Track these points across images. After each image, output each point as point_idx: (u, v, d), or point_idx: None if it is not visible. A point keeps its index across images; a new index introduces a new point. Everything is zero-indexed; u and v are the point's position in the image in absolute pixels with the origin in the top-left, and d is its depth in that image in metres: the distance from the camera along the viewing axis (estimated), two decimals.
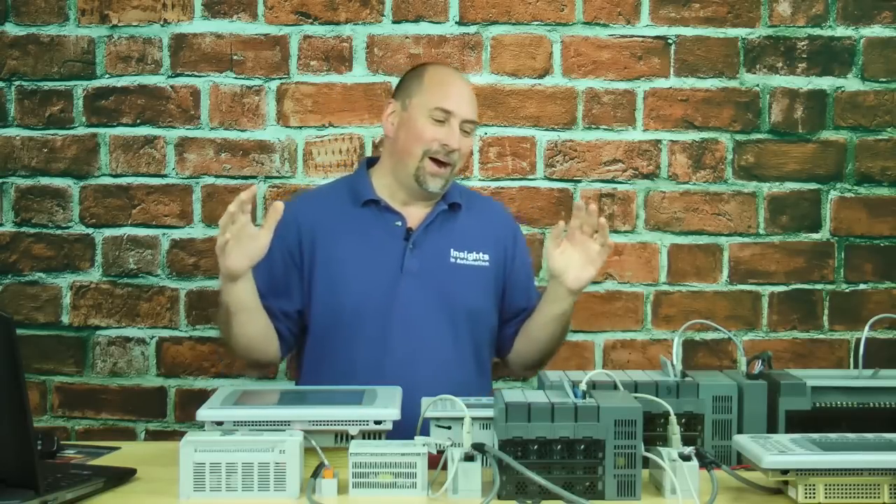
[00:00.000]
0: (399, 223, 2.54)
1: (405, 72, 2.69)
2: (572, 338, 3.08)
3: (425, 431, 2.05)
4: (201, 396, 2.98)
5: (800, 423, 2.09)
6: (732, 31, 3.11)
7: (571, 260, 2.42)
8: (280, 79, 3.11)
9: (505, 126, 3.11)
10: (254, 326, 2.44)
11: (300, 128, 3.11)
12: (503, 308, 2.63)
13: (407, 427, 2.05)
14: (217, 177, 3.12)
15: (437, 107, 2.49)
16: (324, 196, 2.66)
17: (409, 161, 2.51)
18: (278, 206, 2.26)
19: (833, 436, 1.95)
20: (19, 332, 2.29)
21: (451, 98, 2.51)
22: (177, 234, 3.12)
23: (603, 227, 2.37)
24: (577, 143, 3.12)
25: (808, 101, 3.12)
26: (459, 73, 2.69)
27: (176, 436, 3.03)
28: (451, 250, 2.55)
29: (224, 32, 3.10)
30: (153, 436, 3.13)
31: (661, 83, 3.11)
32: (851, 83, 3.12)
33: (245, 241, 2.24)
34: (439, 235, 2.55)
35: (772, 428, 2.11)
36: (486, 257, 2.58)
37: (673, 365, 2.16)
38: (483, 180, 3.08)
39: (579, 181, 3.12)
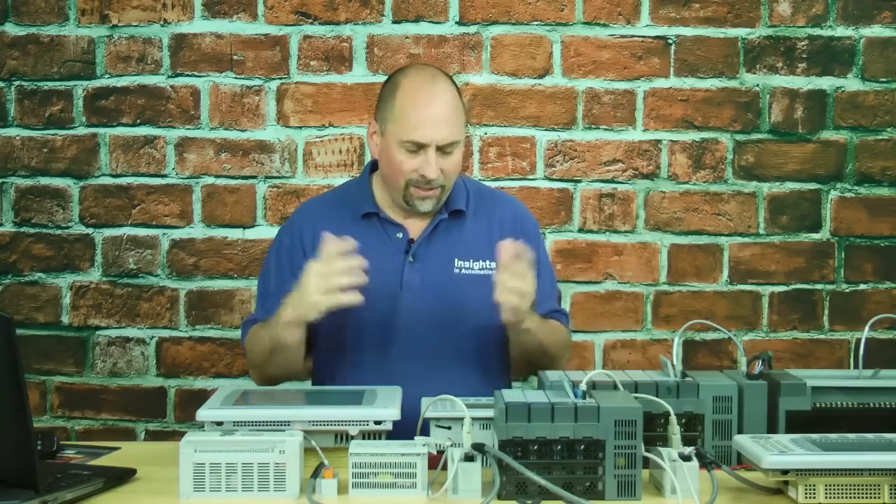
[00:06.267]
0: (400, 235, 2.47)
1: (384, 82, 2.54)
2: (572, 338, 3.07)
3: (425, 431, 2.05)
4: (201, 396, 2.98)
5: (800, 423, 2.09)
6: (732, 32, 3.11)
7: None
8: (280, 79, 3.11)
9: (505, 126, 3.11)
10: (296, 359, 2.42)
11: (300, 128, 3.11)
12: None
13: (407, 430, 2.04)
14: (217, 177, 3.12)
15: (408, 139, 2.37)
16: (325, 208, 2.57)
17: (395, 189, 2.43)
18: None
19: (833, 436, 1.95)
20: (19, 332, 2.30)
21: (422, 128, 2.36)
22: (177, 234, 3.13)
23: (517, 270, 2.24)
24: (577, 143, 3.12)
25: (808, 101, 3.12)
26: (432, 88, 2.41)
27: (176, 436, 3.03)
28: (456, 260, 2.47)
29: (224, 32, 3.11)
30: (153, 436, 3.14)
31: (660, 83, 3.11)
32: (851, 83, 3.12)
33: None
34: (442, 245, 2.47)
35: (772, 428, 2.11)
36: (493, 265, 2.44)
37: (673, 365, 2.15)
38: (483, 180, 3.08)
39: (579, 181, 3.12)
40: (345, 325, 2.41)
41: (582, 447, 1.85)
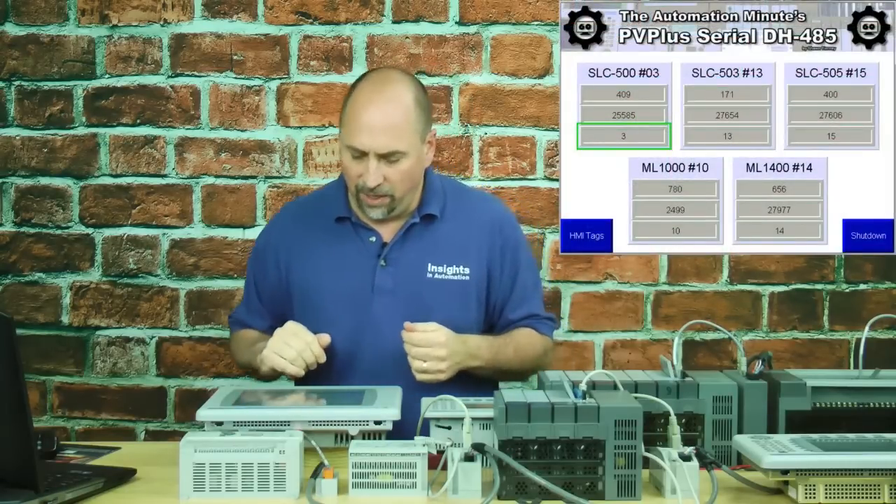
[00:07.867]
0: (373, 239, 2.43)
1: None
2: (572, 338, 3.09)
3: (425, 431, 2.05)
4: (201, 396, 2.98)
5: (800, 423, 2.09)
6: None
7: None
8: (280, 79, 3.11)
9: (505, 126, 3.11)
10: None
11: (300, 128, 3.11)
12: (493, 320, 2.50)
13: (405, 430, 2.04)
14: (217, 177, 3.12)
15: (348, 144, 2.35)
16: (300, 213, 2.56)
17: (352, 194, 2.43)
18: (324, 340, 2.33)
19: (833, 436, 1.95)
20: (19, 332, 2.30)
21: (360, 134, 2.32)
22: (177, 234, 3.13)
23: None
24: None
25: None
26: (380, 95, 2.36)
27: (176, 436, 3.03)
28: (429, 264, 2.43)
29: (224, 32, 3.11)
30: (153, 436, 3.14)
31: None
32: None
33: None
34: (416, 250, 2.44)
35: (772, 428, 2.11)
36: (467, 270, 2.44)
37: (673, 365, 2.16)
38: (483, 180, 3.08)
39: None
40: (317, 327, 2.37)
41: (582, 447, 1.85)
